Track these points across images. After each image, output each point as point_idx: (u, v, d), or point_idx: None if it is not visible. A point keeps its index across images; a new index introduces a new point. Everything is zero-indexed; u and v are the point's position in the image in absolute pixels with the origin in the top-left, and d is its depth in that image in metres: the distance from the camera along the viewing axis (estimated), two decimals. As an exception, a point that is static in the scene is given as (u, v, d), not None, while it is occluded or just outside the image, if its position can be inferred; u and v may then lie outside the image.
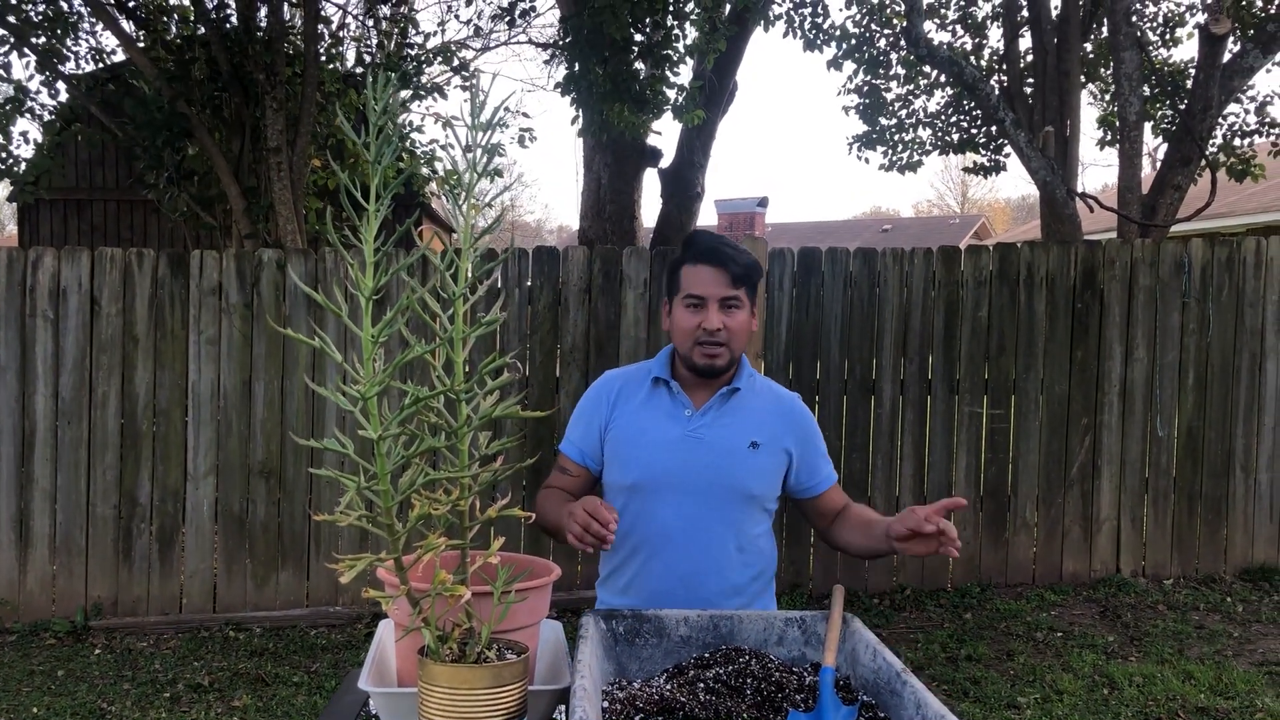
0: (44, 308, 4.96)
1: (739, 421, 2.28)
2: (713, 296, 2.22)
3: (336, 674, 4.47)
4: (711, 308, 2.22)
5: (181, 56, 8.05)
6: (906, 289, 5.45)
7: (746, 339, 2.30)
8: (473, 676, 1.43)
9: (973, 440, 5.52)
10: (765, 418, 2.30)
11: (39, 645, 4.82)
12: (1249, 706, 4.01)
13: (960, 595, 5.39)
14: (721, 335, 2.22)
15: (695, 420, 2.27)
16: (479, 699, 1.43)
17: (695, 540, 2.23)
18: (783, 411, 2.34)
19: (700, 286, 2.23)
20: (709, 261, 2.23)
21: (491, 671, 1.45)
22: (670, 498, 2.24)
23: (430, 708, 1.45)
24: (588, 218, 9.91)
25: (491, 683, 1.44)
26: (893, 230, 35.98)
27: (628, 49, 7.17)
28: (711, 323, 2.21)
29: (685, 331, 2.25)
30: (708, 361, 2.24)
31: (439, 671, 1.44)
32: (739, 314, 2.25)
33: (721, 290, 2.22)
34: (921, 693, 1.49)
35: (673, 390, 2.30)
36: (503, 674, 1.45)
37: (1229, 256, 5.62)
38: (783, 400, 2.37)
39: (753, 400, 2.32)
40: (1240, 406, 5.65)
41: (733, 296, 2.23)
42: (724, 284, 2.22)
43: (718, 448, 2.25)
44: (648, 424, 2.29)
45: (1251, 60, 6.93)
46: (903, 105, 11.85)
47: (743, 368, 2.33)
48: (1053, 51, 8.50)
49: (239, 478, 5.08)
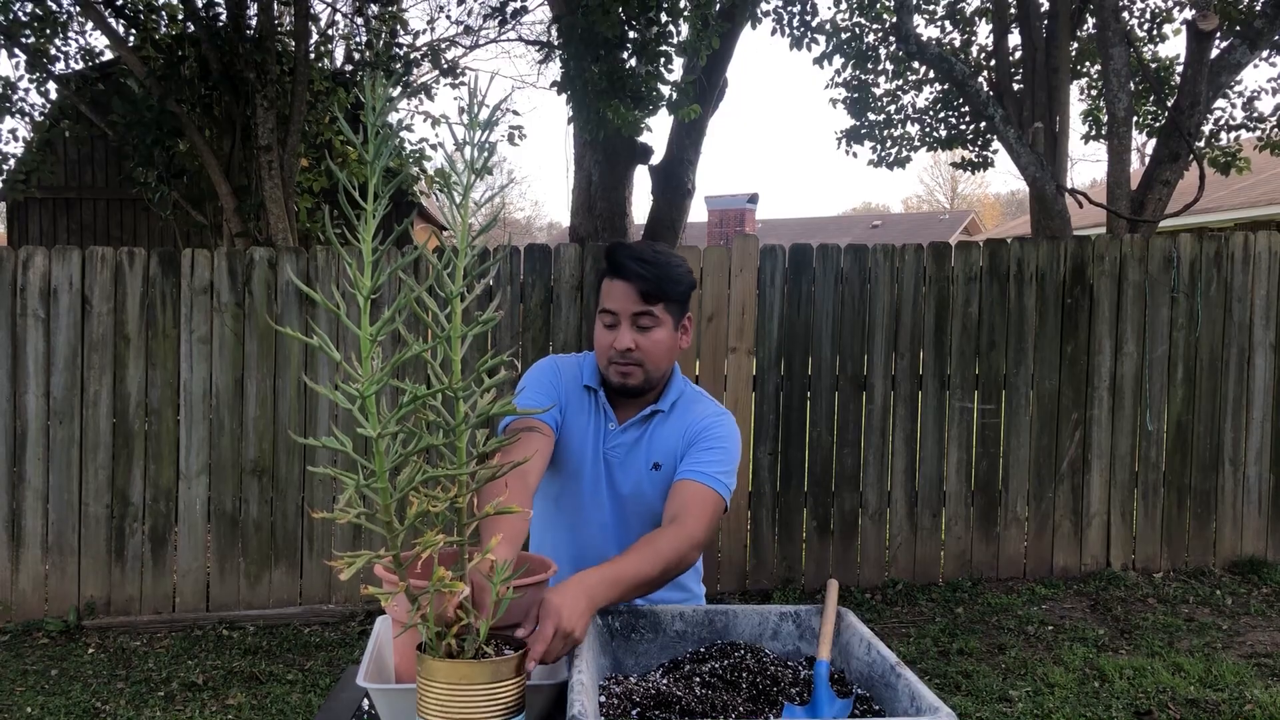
0: (35, 307, 4.95)
1: (651, 444, 2.18)
2: (624, 313, 2.09)
3: (331, 672, 4.48)
4: (623, 325, 2.09)
5: (171, 55, 8.04)
6: (897, 285, 5.48)
7: (669, 357, 2.16)
8: (471, 672, 1.44)
9: (964, 435, 5.54)
10: (673, 440, 2.17)
11: (32, 645, 4.82)
12: (1238, 698, 4.04)
13: (952, 590, 5.41)
14: (634, 355, 2.09)
15: (615, 437, 2.19)
16: (477, 694, 1.44)
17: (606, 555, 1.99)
18: (688, 425, 2.17)
19: (613, 301, 2.10)
20: (620, 275, 2.09)
21: (490, 667, 1.45)
22: (588, 511, 2.20)
23: (429, 704, 1.46)
24: (578, 215, 9.91)
25: (490, 678, 1.45)
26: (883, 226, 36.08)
27: (622, 46, 7.18)
28: (621, 341, 2.09)
29: (600, 348, 2.14)
30: (620, 380, 2.13)
31: (437, 667, 1.45)
32: (655, 332, 2.11)
33: (632, 306, 2.08)
34: (915, 684, 1.51)
35: (598, 402, 2.21)
36: (500, 669, 1.46)
37: (1217, 251, 5.65)
38: (699, 415, 2.18)
39: (671, 422, 2.19)
40: (1229, 401, 5.69)
41: (645, 312, 2.08)
42: (634, 300, 2.08)
43: (629, 468, 2.18)
44: (576, 430, 2.20)
45: (1239, 56, 6.97)
46: (891, 101, 11.87)
47: (670, 388, 2.21)
48: (1041, 47, 8.54)
49: (231, 476, 5.08)
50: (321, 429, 5.09)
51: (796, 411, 5.43)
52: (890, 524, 5.52)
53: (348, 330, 5.03)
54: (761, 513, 5.40)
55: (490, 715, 1.45)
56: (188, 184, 8.50)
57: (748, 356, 5.34)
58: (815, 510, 5.46)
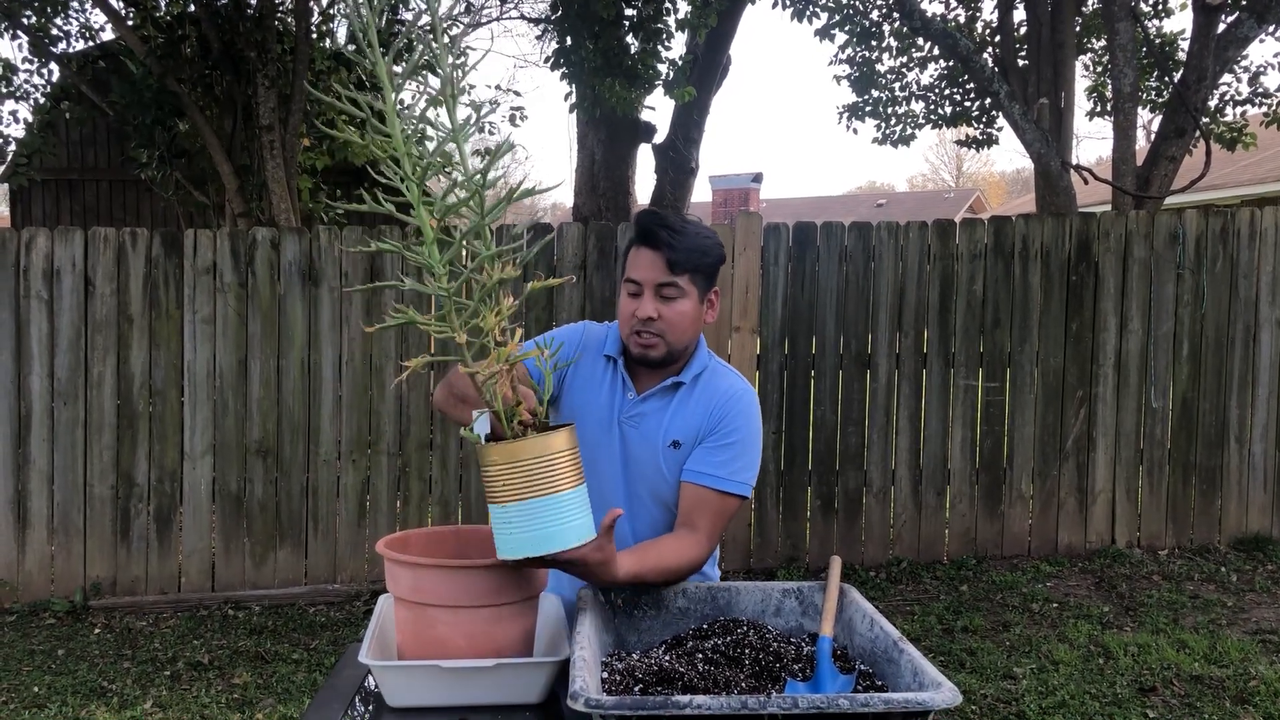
0: (38, 288, 4.94)
1: (673, 419, 2.11)
2: (648, 282, 2.04)
3: (335, 651, 4.49)
4: (646, 294, 2.04)
5: (172, 34, 8.00)
6: (902, 263, 5.45)
7: (693, 329, 2.11)
8: (528, 445, 1.56)
9: (968, 413, 5.53)
10: (695, 419, 2.11)
11: (38, 625, 4.84)
12: (1243, 674, 4.04)
13: (956, 568, 5.42)
14: (656, 325, 2.04)
15: (633, 406, 2.13)
16: (538, 466, 1.56)
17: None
18: (711, 406, 2.11)
19: (638, 270, 2.05)
20: (647, 243, 2.04)
21: (541, 440, 1.57)
22: (599, 480, 2.07)
23: (498, 487, 1.57)
24: (582, 194, 9.89)
25: (545, 449, 1.57)
26: (888, 205, 35.96)
27: (619, 24, 7.15)
28: (644, 310, 2.03)
29: (623, 317, 2.09)
30: (641, 351, 2.08)
31: (500, 450, 1.56)
32: (680, 303, 2.05)
33: (657, 275, 2.03)
34: (918, 660, 1.51)
35: (618, 369, 2.15)
36: (553, 440, 1.58)
37: (1223, 228, 5.62)
38: (721, 394, 2.13)
39: (695, 398, 2.12)
40: (1234, 377, 5.67)
41: (670, 283, 2.03)
42: (660, 269, 2.03)
43: (646, 439, 2.12)
44: (590, 398, 2.16)
45: (1247, 30, 6.91)
46: (896, 78, 11.80)
47: (694, 360, 2.15)
48: (1047, 22, 8.47)
49: (236, 457, 5.09)
50: (325, 409, 5.09)
51: (800, 390, 5.42)
52: (895, 502, 5.52)
53: (350, 311, 5.03)
54: (766, 491, 5.40)
55: (554, 483, 1.57)
56: (189, 164, 8.47)
57: (751, 335, 5.32)
58: (819, 489, 5.46)
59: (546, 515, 1.56)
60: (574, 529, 1.59)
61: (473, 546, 1.89)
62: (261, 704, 3.97)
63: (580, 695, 1.37)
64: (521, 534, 1.57)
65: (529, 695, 1.66)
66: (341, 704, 1.72)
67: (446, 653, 1.66)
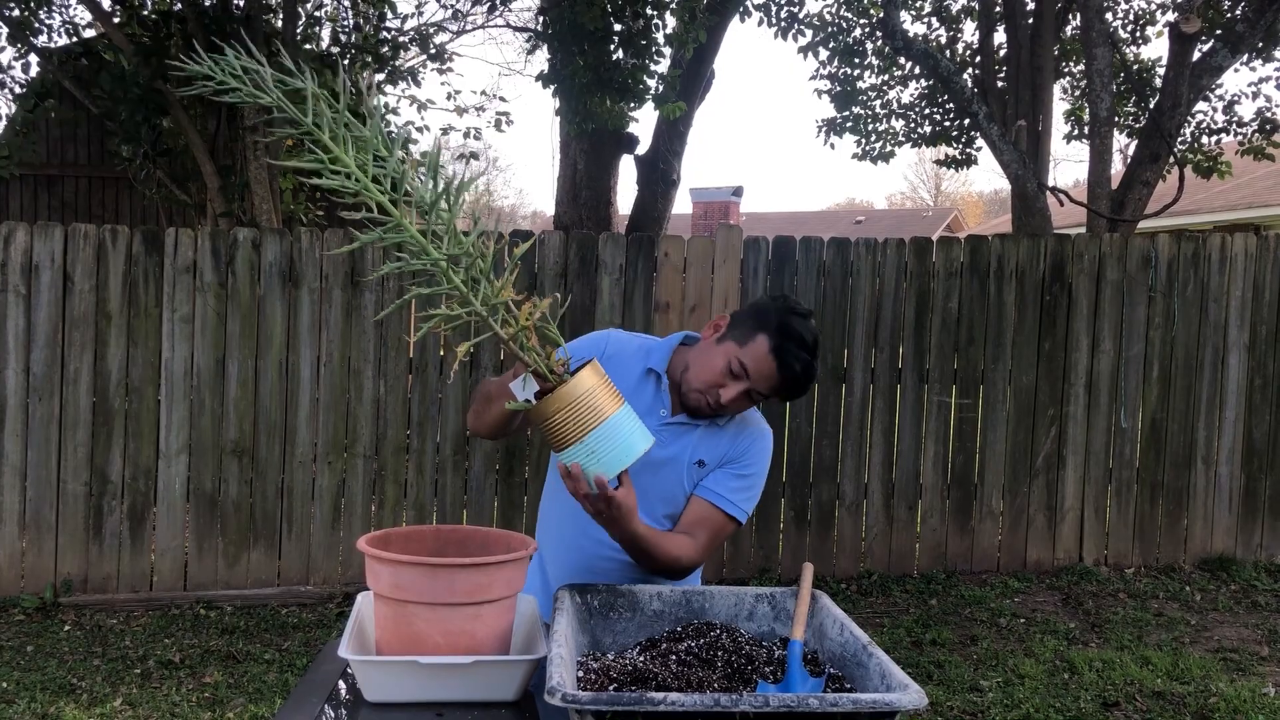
0: (15, 283, 4.93)
1: (699, 439, 2.22)
2: (754, 388, 2.14)
3: (308, 652, 4.49)
4: (741, 391, 2.13)
5: (157, 33, 7.98)
6: (879, 279, 5.52)
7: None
8: (573, 388, 1.72)
9: (941, 429, 5.59)
10: (723, 444, 2.23)
11: (8, 621, 4.81)
12: (1204, 691, 4.11)
13: (926, 581, 5.47)
14: (725, 411, 2.17)
15: (665, 419, 2.21)
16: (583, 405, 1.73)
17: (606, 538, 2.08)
18: (741, 436, 2.25)
19: (755, 370, 2.12)
20: (783, 374, 2.12)
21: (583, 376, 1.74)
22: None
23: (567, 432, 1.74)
24: (563, 203, 9.92)
25: (590, 382, 1.74)
26: (866, 222, 36.11)
27: (607, 39, 7.19)
28: (728, 397, 2.13)
29: (708, 379, 2.15)
30: (696, 410, 2.18)
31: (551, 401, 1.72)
32: (749, 406, 2.21)
33: (761, 388, 2.14)
34: (886, 663, 1.55)
35: (660, 387, 2.23)
36: (584, 379, 1.73)
37: (1195, 252, 5.72)
38: (750, 429, 2.27)
39: (726, 431, 2.25)
40: (1203, 400, 5.76)
41: (762, 398, 2.17)
42: (767, 389, 2.14)
43: (671, 452, 2.19)
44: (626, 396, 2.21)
45: (1221, 59, 7.04)
46: (877, 95, 11.90)
47: None
48: (1026, 46, 8.58)
49: (211, 456, 5.08)
50: (303, 411, 5.10)
51: (776, 402, 5.46)
52: (866, 515, 5.57)
53: (330, 313, 5.04)
54: (739, 502, 5.43)
55: (613, 402, 1.76)
56: (171, 163, 8.45)
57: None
58: (793, 500, 5.50)
59: (622, 429, 1.76)
60: (642, 432, 1.80)
61: (452, 546, 1.92)
62: (232, 703, 3.97)
63: (557, 690, 1.40)
64: (609, 454, 1.76)
65: (505, 693, 1.69)
66: (319, 698, 1.75)
67: (424, 649, 1.68)
